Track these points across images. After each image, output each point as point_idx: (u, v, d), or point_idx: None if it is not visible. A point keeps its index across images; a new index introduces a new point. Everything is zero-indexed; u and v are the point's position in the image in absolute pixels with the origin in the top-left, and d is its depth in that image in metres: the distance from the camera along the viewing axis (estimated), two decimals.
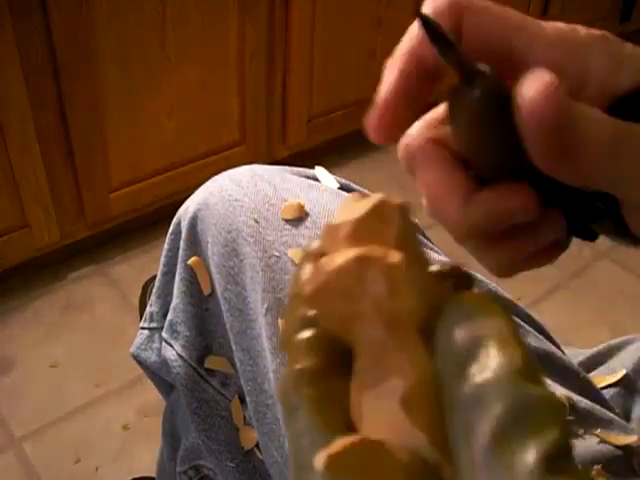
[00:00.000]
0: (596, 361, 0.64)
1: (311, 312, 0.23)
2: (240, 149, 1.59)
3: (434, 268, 0.22)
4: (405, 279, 0.21)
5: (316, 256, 0.23)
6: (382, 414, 0.21)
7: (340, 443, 0.19)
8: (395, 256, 0.22)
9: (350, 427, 0.21)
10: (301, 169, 0.64)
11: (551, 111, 0.23)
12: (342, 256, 0.22)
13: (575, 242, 0.32)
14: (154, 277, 0.71)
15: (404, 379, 0.20)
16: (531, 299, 1.51)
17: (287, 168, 0.63)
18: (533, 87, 0.23)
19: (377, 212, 0.23)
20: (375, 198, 0.23)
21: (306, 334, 0.23)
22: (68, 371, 1.32)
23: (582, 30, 0.28)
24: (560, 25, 0.28)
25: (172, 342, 0.64)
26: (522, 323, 0.55)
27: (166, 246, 0.67)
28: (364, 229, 0.23)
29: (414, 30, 0.28)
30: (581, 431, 0.50)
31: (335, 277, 0.22)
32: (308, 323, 0.23)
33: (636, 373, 0.60)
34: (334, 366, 0.22)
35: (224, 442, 0.62)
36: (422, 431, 0.20)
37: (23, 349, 1.35)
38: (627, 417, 0.58)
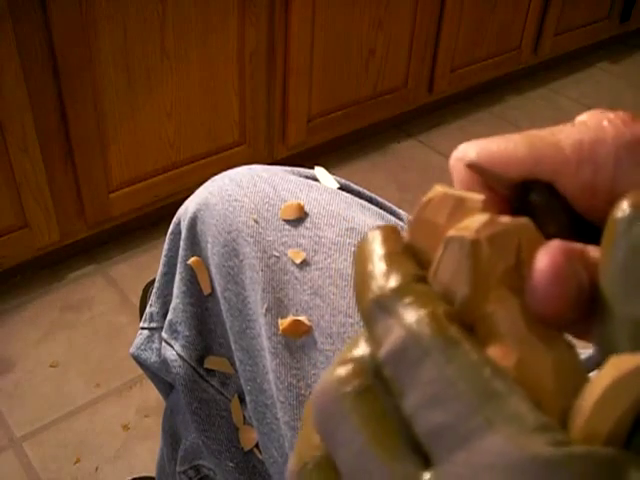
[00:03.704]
0: (596, 361, 0.64)
1: (468, 258, 0.21)
2: (240, 149, 1.60)
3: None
4: None
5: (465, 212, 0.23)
6: (566, 368, 0.21)
7: None
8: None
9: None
10: (301, 169, 0.64)
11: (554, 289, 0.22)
12: (509, 219, 0.22)
13: None
14: (155, 280, 0.71)
15: (569, 343, 0.21)
16: None
17: (287, 168, 0.63)
18: (545, 261, 0.22)
19: (489, 200, 0.25)
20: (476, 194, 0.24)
21: (429, 287, 0.22)
22: (68, 371, 1.32)
23: (608, 139, 0.26)
24: (584, 139, 0.26)
25: (172, 342, 0.64)
26: None
27: (166, 246, 0.67)
28: (490, 210, 0.23)
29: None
30: None
31: (513, 229, 0.22)
32: (419, 278, 0.22)
33: None
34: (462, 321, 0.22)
35: (224, 442, 0.62)
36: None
37: (23, 349, 1.35)
38: None
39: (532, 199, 0.27)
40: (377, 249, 0.23)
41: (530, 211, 0.26)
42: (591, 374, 0.21)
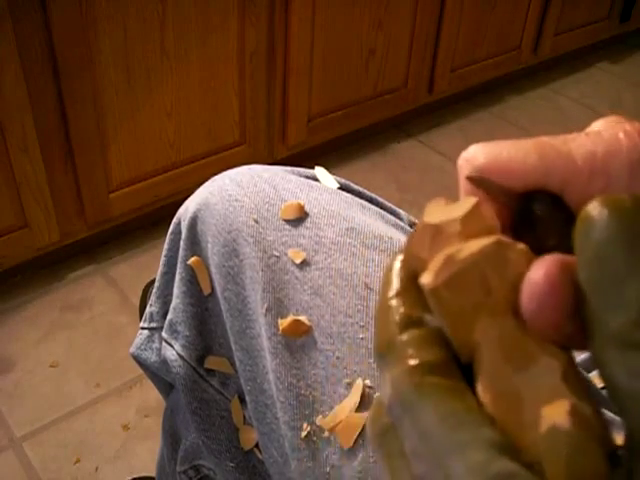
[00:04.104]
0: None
1: (434, 304, 0.22)
2: (240, 149, 1.60)
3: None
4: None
5: (430, 252, 0.23)
6: (540, 394, 0.20)
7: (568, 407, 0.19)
8: (521, 245, 0.22)
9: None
10: (301, 169, 0.64)
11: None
12: (476, 244, 0.22)
13: None
14: (155, 280, 0.71)
15: (554, 356, 0.21)
16: None
17: (287, 168, 0.63)
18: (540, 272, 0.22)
19: (477, 211, 0.23)
20: (472, 199, 0.23)
21: (417, 331, 0.22)
22: (68, 371, 1.32)
23: (623, 151, 0.25)
24: (598, 150, 0.25)
25: (172, 342, 0.64)
26: None
27: (166, 246, 0.67)
28: (472, 226, 0.23)
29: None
30: None
31: (471, 264, 0.21)
32: (410, 323, 0.23)
33: None
34: (451, 362, 0.22)
35: (224, 442, 0.62)
36: (584, 401, 0.20)
37: (23, 349, 1.35)
38: None
39: (535, 209, 0.26)
40: (390, 286, 0.24)
41: (532, 221, 0.26)
42: (591, 374, 0.21)
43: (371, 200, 0.63)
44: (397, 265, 0.24)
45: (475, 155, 0.26)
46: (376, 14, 1.68)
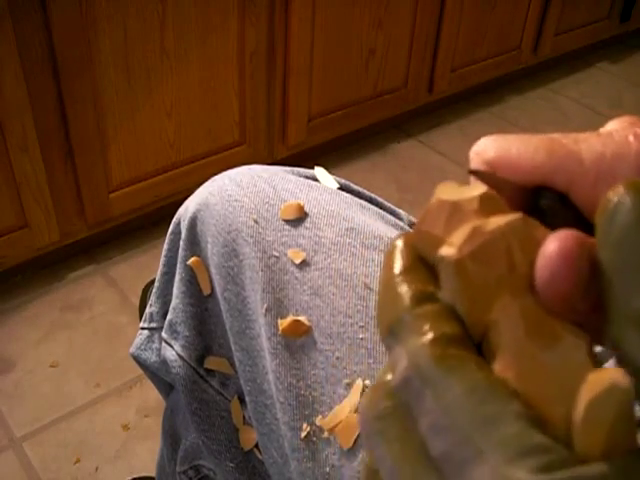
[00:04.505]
0: (599, 359, 0.64)
1: (455, 277, 0.21)
2: (240, 149, 1.60)
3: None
4: None
5: (449, 227, 0.22)
6: (569, 370, 0.20)
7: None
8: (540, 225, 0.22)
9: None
10: (301, 169, 0.64)
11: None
12: (503, 219, 0.21)
13: None
14: (155, 280, 0.71)
15: (577, 336, 0.20)
16: None
17: (287, 168, 0.63)
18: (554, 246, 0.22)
19: (492, 193, 0.23)
20: (482, 185, 0.24)
21: (432, 305, 0.22)
22: (68, 371, 1.32)
23: (632, 154, 0.25)
24: (606, 152, 0.25)
25: (172, 342, 0.64)
26: None
27: (166, 246, 0.67)
28: (489, 205, 0.23)
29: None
30: None
31: (500, 236, 0.21)
32: (424, 298, 0.22)
33: None
34: (467, 337, 0.21)
35: (224, 442, 0.62)
36: (619, 377, 0.19)
37: (23, 349, 1.35)
38: None
39: (542, 205, 0.26)
40: (394, 264, 0.24)
41: (537, 217, 0.26)
42: (606, 364, 0.21)
43: (371, 200, 0.63)
44: (400, 243, 0.24)
45: (485, 149, 0.27)
46: (376, 14, 1.68)
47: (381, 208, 0.62)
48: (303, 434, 0.50)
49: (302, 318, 0.52)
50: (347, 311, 0.51)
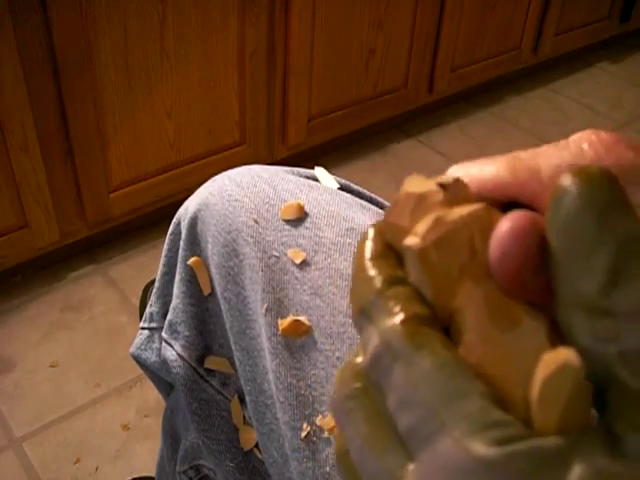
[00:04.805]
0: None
1: (419, 265, 0.22)
2: (240, 149, 1.60)
3: None
4: None
5: (414, 217, 0.23)
6: (528, 352, 0.21)
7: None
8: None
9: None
10: (301, 169, 0.64)
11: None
12: (466, 209, 0.22)
13: None
14: (155, 280, 0.71)
15: (536, 319, 0.21)
16: None
17: (287, 168, 0.63)
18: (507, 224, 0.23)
19: (459, 184, 0.24)
20: (452, 175, 0.24)
21: (403, 288, 0.23)
22: (68, 371, 1.32)
23: (587, 162, 0.26)
24: (562, 164, 0.26)
25: (172, 342, 0.64)
26: None
27: (166, 246, 0.67)
28: (455, 196, 0.23)
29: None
30: None
31: (462, 225, 0.22)
32: (395, 281, 0.23)
33: None
34: (436, 319, 0.22)
35: (224, 442, 0.62)
36: (571, 356, 0.20)
37: (23, 349, 1.35)
38: None
39: None
40: (365, 251, 0.25)
41: None
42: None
43: (371, 200, 0.63)
44: (372, 232, 0.25)
45: (454, 173, 0.27)
46: (376, 14, 1.68)
47: (381, 208, 0.62)
48: (303, 434, 0.50)
49: (302, 318, 0.52)
50: (347, 311, 0.51)
